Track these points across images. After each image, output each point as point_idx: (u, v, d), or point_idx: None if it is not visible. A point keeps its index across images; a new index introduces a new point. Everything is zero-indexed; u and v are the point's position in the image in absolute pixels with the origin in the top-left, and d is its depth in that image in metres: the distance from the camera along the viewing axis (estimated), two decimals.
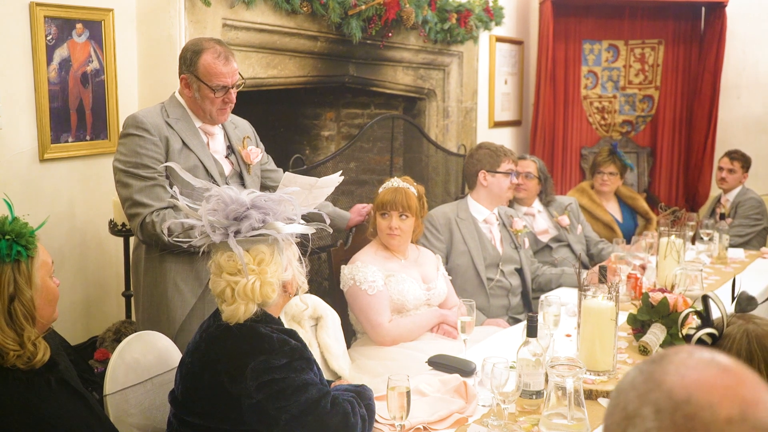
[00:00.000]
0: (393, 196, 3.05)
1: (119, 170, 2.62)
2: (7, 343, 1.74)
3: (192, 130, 2.72)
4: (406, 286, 3.00)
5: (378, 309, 2.93)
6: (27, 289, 1.78)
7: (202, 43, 2.70)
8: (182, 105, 2.74)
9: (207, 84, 2.65)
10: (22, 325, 1.77)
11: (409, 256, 3.15)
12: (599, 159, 4.82)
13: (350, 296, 3.00)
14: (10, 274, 1.77)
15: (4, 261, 1.76)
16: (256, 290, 1.89)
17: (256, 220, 1.89)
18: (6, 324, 1.75)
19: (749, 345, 1.45)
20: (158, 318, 2.68)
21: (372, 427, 1.96)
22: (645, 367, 0.91)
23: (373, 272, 2.97)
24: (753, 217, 5.05)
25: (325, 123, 4.92)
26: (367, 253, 3.09)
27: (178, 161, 2.60)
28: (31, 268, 1.80)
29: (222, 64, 2.65)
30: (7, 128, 2.88)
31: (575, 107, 6.33)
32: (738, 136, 6.13)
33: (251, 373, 1.84)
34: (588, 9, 6.20)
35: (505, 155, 3.67)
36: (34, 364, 1.79)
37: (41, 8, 2.97)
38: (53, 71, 3.05)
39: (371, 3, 4.01)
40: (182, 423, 1.97)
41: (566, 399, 1.93)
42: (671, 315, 2.67)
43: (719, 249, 4.19)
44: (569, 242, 4.16)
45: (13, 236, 1.77)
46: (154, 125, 2.63)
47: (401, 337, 2.95)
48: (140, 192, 2.58)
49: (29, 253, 1.79)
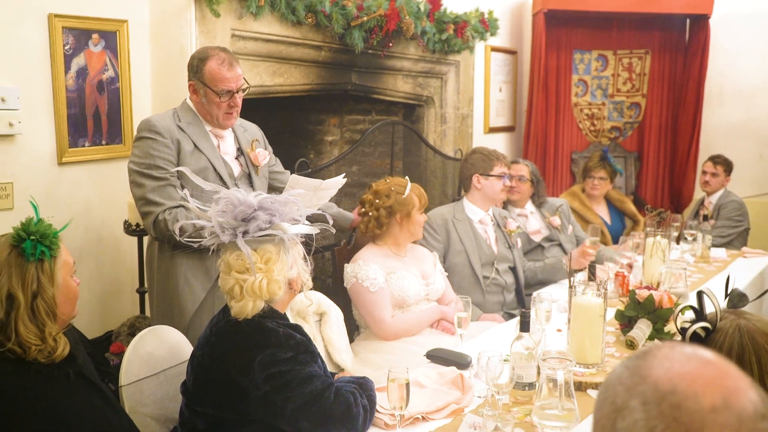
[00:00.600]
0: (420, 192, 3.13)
1: (133, 171, 2.63)
2: (29, 338, 1.75)
3: (202, 134, 2.73)
4: (407, 282, 3.00)
5: (380, 305, 2.93)
6: (49, 287, 1.79)
7: (207, 51, 2.72)
8: (193, 110, 2.75)
9: (212, 89, 2.66)
10: (44, 321, 1.78)
11: (408, 254, 3.16)
12: (590, 164, 4.83)
13: (353, 293, 3.00)
14: (34, 273, 1.78)
15: (29, 260, 1.77)
16: (263, 287, 1.90)
17: (263, 221, 1.90)
18: (29, 320, 1.76)
19: (741, 339, 1.44)
20: (170, 311, 2.69)
21: (373, 416, 1.96)
22: (631, 363, 0.91)
23: (374, 270, 2.97)
24: (734, 218, 5.06)
25: (329, 128, 4.93)
26: (369, 251, 3.09)
27: (190, 163, 2.62)
28: (54, 268, 1.81)
29: (226, 70, 2.66)
30: (27, 133, 2.88)
31: (566, 114, 6.33)
32: (720, 142, 6.13)
33: (259, 366, 1.84)
34: (578, 20, 6.21)
35: (497, 159, 3.67)
36: (54, 358, 1.80)
37: (59, 19, 2.97)
38: (71, 79, 3.06)
39: (373, 15, 4.02)
40: (193, 413, 1.97)
41: (557, 390, 1.93)
42: (657, 311, 2.67)
43: (702, 249, 4.20)
44: (561, 242, 4.16)
45: (38, 237, 1.78)
46: (166, 129, 2.64)
47: (403, 332, 2.95)
48: (153, 191, 2.59)
49: (52, 253, 1.81)
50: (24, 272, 1.77)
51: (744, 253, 4.45)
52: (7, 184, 2.83)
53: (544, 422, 1.94)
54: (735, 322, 1.48)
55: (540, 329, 2.46)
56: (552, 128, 6.26)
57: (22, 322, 1.75)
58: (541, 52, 5.97)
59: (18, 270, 1.77)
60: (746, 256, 4.40)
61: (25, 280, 1.77)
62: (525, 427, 1.96)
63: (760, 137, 6.14)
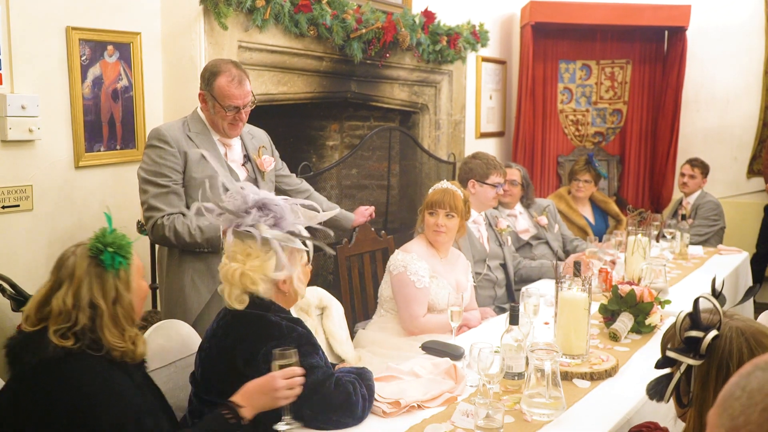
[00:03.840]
0: (442, 196, 3.00)
1: (141, 177, 2.63)
2: (115, 342, 1.74)
3: (210, 143, 2.70)
4: (443, 291, 2.95)
5: (419, 302, 2.91)
6: (126, 294, 1.78)
7: (220, 65, 2.68)
8: (202, 120, 2.73)
9: (220, 103, 2.64)
10: (124, 326, 1.77)
11: (449, 256, 3.11)
12: (576, 167, 4.82)
13: (398, 281, 2.94)
14: (112, 282, 1.76)
15: (107, 270, 1.75)
16: (236, 276, 1.89)
17: (253, 218, 1.90)
18: (113, 325, 1.74)
19: (747, 342, 1.35)
20: (177, 310, 2.67)
21: (372, 405, 1.95)
22: None
23: (423, 268, 2.93)
24: (711, 218, 5.06)
25: (330, 134, 4.92)
26: (419, 245, 3.04)
27: (196, 171, 2.61)
28: (130, 275, 1.80)
29: (235, 87, 2.63)
30: (46, 139, 2.87)
31: (552, 120, 6.33)
32: (698, 146, 6.14)
33: (263, 357, 1.83)
34: (564, 32, 6.20)
35: (495, 168, 3.61)
36: (135, 358, 1.79)
37: (76, 32, 2.96)
38: (87, 88, 3.04)
39: (371, 27, 4.01)
40: (201, 401, 1.96)
41: (545, 380, 1.93)
42: (638, 305, 2.67)
43: (681, 246, 4.20)
44: (547, 240, 4.16)
45: (115, 248, 1.76)
46: (174, 138, 2.62)
47: (429, 331, 2.90)
48: (155, 197, 2.58)
49: (129, 262, 1.79)
50: (103, 282, 1.75)
51: (720, 251, 4.45)
52: (27, 187, 2.82)
53: (532, 410, 1.93)
54: (730, 325, 1.40)
55: (528, 322, 2.45)
56: (539, 133, 6.25)
57: (107, 329, 1.73)
58: (529, 62, 5.97)
59: (98, 280, 1.75)
60: (722, 253, 4.40)
61: (105, 290, 1.75)
62: (514, 415, 1.96)
63: (735, 141, 6.15)
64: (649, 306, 2.67)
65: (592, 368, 2.26)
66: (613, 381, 2.24)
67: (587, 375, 2.23)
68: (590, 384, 2.19)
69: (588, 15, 5.89)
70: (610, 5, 5.89)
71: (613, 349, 2.52)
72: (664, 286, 3.26)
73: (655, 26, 6.05)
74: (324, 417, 1.85)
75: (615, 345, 2.57)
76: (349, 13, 3.86)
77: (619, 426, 1.95)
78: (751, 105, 6.04)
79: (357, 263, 3.54)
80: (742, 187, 6.12)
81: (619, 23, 5.96)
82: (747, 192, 6.09)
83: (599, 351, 2.45)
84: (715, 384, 1.36)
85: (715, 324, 1.40)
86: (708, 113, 6.23)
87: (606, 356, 2.37)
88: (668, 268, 3.61)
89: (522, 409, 1.96)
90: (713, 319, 1.42)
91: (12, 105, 2.69)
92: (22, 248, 2.81)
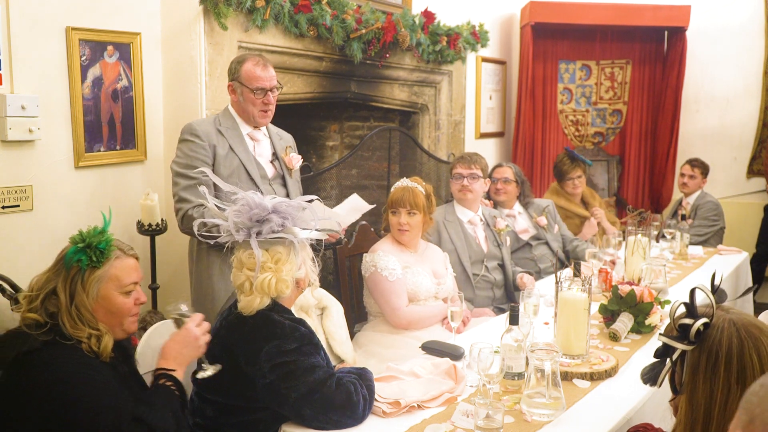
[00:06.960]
0: (401, 195, 3.04)
1: (173, 171, 2.76)
2: (76, 334, 1.77)
3: (239, 138, 2.83)
4: (420, 278, 2.99)
5: (397, 294, 2.93)
6: (82, 294, 1.79)
7: (244, 55, 2.89)
8: (233, 116, 2.87)
9: (248, 87, 2.79)
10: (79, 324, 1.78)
11: (419, 250, 3.13)
12: (565, 168, 4.75)
13: (371, 281, 2.97)
14: (73, 278, 1.79)
15: (68, 264, 1.78)
16: (272, 285, 1.92)
17: (276, 223, 1.91)
18: (68, 317, 1.78)
19: (738, 333, 1.38)
20: (204, 300, 2.76)
21: (372, 405, 1.96)
22: None
23: (392, 261, 2.96)
24: (711, 218, 5.06)
25: (330, 134, 4.92)
26: (385, 243, 3.08)
27: (224, 164, 2.75)
28: (90, 279, 1.80)
29: (260, 70, 2.81)
30: (46, 139, 2.88)
31: (552, 120, 6.33)
32: (697, 146, 6.14)
33: (265, 356, 1.84)
34: (564, 32, 6.21)
35: (459, 161, 3.64)
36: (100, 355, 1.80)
37: (76, 32, 2.97)
38: (87, 88, 3.05)
39: (371, 27, 4.02)
40: (203, 400, 1.97)
41: (545, 380, 1.93)
42: (638, 305, 2.68)
43: (680, 246, 4.20)
44: (547, 240, 4.17)
45: (84, 246, 1.78)
46: (205, 132, 2.76)
47: (415, 322, 2.93)
48: (185, 189, 2.69)
49: (93, 264, 1.79)
50: (66, 275, 1.79)
51: (720, 251, 4.45)
52: (27, 187, 2.82)
53: (532, 410, 1.94)
54: (725, 317, 1.43)
55: (528, 322, 2.46)
56: (539, 134, 6.26)
57: (66, 319, 1.77)
58: (529, 63, 5.98)
59: (65, 272, 1.80)
60: (722, 253, 4.41)
61: (66, 283, 1.79)
62: (514, 415, 1.96)
63: (735, 141, 6.16)
64: (648, 306, 2.68)
65: (592, 368, 2.26)
66: (613, 381, 2.25)
67: (587, 375, 2.24)
68: (590, 384, 2.20)
69: (588, 15, 5.89)
70: (610, 5, 5.90)
71: (613, 349, 2.53)
72: (664, 287, 3.26)
73: (655, 26, 6.06)
74: (324, 417, 1.86)
75: (615, 345, 2.58)
76: (348, 14, 3.87)
77: (619, 426, 1.95)
78: (751, 105, 6.05)
79: (357, 263, 3.54)
80: (741, 187, 6.13)
81: (618, 23, 5.97)
82: (747, 192, 6.10)
83: (599, 351, 2.45)
84: (704, 372, 1.39)
85: (709, 315, 1.43)
86: (708, 113, 6.24)
87: (606, 356, 2.37)
88: (668, 268, 3.61)
89: (522, 409, 1.96)
90: (708, 311, 1.45)
91: (12, 105, 2.70)
92: (22, 248, 2.81)
